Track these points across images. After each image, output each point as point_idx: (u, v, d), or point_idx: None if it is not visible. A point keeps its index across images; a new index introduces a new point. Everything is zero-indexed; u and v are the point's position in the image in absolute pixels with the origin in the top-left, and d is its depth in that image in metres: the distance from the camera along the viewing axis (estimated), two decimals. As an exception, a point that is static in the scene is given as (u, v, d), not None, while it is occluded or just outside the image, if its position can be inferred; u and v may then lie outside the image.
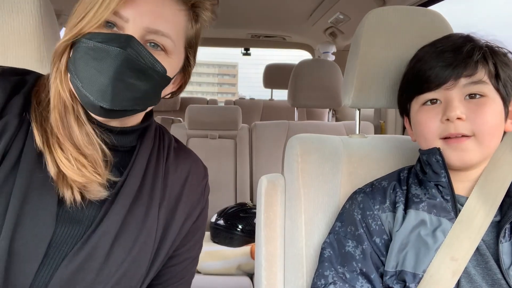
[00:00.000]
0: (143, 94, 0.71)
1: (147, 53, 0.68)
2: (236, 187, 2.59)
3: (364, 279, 0.85)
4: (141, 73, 0.68)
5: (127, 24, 0.68)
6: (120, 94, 0.67)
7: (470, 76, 0.83)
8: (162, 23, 0.71)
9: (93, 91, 0.66)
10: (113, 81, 0.66)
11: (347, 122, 2.65)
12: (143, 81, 0.69)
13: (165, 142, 0.86)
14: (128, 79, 0.67)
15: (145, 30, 0.69)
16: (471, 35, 0.88)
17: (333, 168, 1.07)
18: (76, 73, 0.67)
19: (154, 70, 0.70)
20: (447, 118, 0.83)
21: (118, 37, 0.67)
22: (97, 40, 0.66)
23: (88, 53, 0.66)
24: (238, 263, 1.94)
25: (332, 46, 3.17)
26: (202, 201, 0.88)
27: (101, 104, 0.66)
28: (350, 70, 1.13)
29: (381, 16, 1.10)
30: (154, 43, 0.71)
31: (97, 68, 0.65)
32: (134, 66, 0.67)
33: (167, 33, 0.71)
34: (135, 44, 0.67)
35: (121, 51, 0.65)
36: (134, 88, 0.69)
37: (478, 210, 0.83)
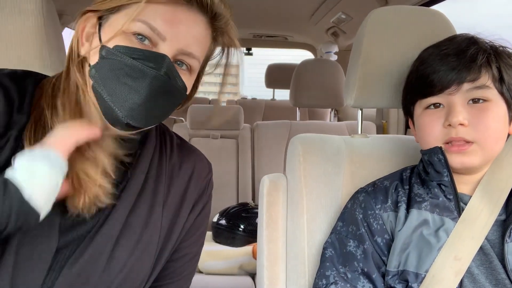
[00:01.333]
0: (165, 111, 0.72)
1: (177, 75, 0.69)
2: (238, 187, 2.59)
3: (365, 279, 0.85)
4: (170, 94, 0.69)
5: (164, 42, 0.67)
6: (149, 114, 0.68)
7: (474, 81, 0.82)
8: (195, 46, 0.71)
9: (123, 108, 0.65)
10: (146, 102, 0.65)
11: (349, 122, 2.65)
12: (169, 101, 0.70)
13: (166, 140, 0.86)
14: (159, 100, 0.67)
15: (179, 51, 0.69)
16: (476, 36, 0.87)
17: (335, 168, 1.07)
18: (104, 85, 0.66)
19: (179, 91, 0.70)
20: (449, 124, 0.83)
21: (154, 57, 0.66)
22: (133, 57, 0.65)
23: (122, 68, 0.65)
24: (240, 263, 1.94)
25: (334, 46, 3.17)
26: (206, 196, 0.88)
27: (130, 121, 0.66)
28: (352, 69, 1.13)
29: (384, 16, 1.10)
30: (181, 62, 0.71)
31: (132, 87, 0.64)
32: (166, 89, 0.67)
33: (197, 55, 0.71)
34: (169, 65, 0.67)
35: (159, 74, 0.65)
36: (161, 108, 0.69)
37: (482, 209, 0.83)
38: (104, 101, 0.66)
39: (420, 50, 0.94)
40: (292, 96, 2.65)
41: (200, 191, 0.87)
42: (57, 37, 1.01)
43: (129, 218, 0.74)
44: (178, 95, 0.71)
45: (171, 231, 0.81)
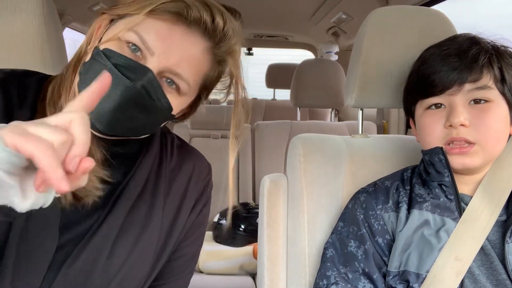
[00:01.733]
0: (141, 126, 0.70)
1: (159, 91, 0.67)
2: (238, 187, 2.58)
3: (366, 279, 0.85)
4: (146, 108, 0.67)
5: (152, 58, 0.66)
6: (117, 123, 0.66)
7: (475, 81, 0.82)
8: (185, 68, 0.69)
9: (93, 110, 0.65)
10: (114, 110, 0.64)
11: (350, 122, 2.64)
12: (145, 115, 0.68)
13: (167, 141, 0.86)
14: (130, 112, 0.66)
15: (166, 69, 0.67)
16: (478, 36, 0.87)
17: (336, 168, 1.06)
18: (84, 84, 0.66)
19: (159, 108, 0.68)
20: (450, 124, 0.82)
21: (138, 68, 0.65)
22: (116, 62, 0.64)
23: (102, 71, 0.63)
24: (240, 263, 1.94)
25: (335, 46, 3.17)
26: (205, 196, 0.88)
27: (96, 125, 0.65)
28: (352, 69, 1.13)
29: (384, 16, 1.10)
30: (171, 79, 0.69)
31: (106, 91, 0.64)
32: (140, 102, 0.65)
33: (186, 78, 0.69)
34: (152, 80, 0.65)
35: (133, 86, 0.64)
36: (133, 120, 0.67)
37: (483, 210, 0.83)
38: None
39: (420, 50, 0.94)
40: (293, 96, 2.65)
41: (200, 192, 0.87)
42: (58, 37, 1.01)
43: (128, 218, 0.74)
44: (159, 113, 0.69)
45: (171, 231, 0.81)
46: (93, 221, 0.71)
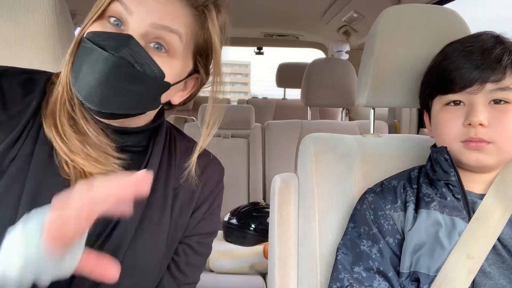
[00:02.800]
0: (136, 99, 0.69)
1: (145, 56, 0.66)
2: (249, 186, 2.59)
3: (381, 277, 0.84)
4: (134, 78, 0.66)
5: (131, 17, 0.66)
6: (109, 98, 0.66)
7: (497, 82, 0.81)
8: (170, 20, 0.68)
9: (82, 92, 0.65)
10: (100, 84, 0.64)
11: (361, 122, 2.63)
12: (136, 86, 0.67)
13: (176, 143, 0.86)
14: (118, 83, 0.65)
15: (151, 26, 0.66)
16: (502, 36, 0.85)
17: (347, 168, 1.06)
18: (73, 71, 0.67)
19: (150, 76, 0.67)
20: (469, 123, 0.82)
21: (116, 36, 0.65)
22: (94, 40, 0.65)
23: (84, 52, 0.65)
24: (251, 263, 1.94)
25: (346, 45, 3.15)
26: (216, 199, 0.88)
27: (88, 105, 0.66)
28: (364, 69, 1.13)
29: (397, 14, 1.09)
30: (159, 44, 0.68)
31: (89, 69, 0.64)
32: (125, 71, 0.65)
33: (175, 29, 0.68)
34: (133, 45, 0.65)
35: (110, 56, 0.63)
36: (125, 93, 0.66)
37: (495, 208, 0.83)
38: (73, 87, 0.67)
39: (433, 49, 0.93)
40: (303, 95, 2.64)
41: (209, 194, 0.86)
42: (70, 37, 1.02)
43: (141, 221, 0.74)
44: (151, 82, 0.68)
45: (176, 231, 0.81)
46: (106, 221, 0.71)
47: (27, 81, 0.73)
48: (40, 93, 0.73)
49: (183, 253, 0.83)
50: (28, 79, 0.74)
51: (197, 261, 0.86)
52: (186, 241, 0.84)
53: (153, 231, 0.76)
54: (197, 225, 0.84)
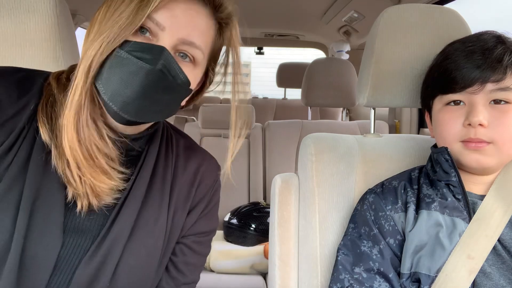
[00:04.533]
0: (166, 107, 0.71)
1: (176, 67, 0.68)
2: (249, 186, 2.58)
3: (381, 278, 0.84)
4: (168, 88, 0.68)
5: (163, 32, 0.67)
6: (145, 108, 0.67)
7: (498, 82, 0.81)
8: (196, 36, 0.71)
9: (117, 102, 0.65)
10: (139, 96, 0.65)
11: (361, 122, 2.63)
12: (168, 95, 0.69)
13: (173, 142, 0.86)
14: (155, 94, 0.67)
15: (179, 40, 0.69)
16: (504, 35, 0.85)
17: (348, 168, 1.06)
18: (103, 82, 0.66)
19: (180, 85, 0.70)
20: (469, 123, 0.81)
21: (151, 48, 0.66)
22: (130, 50, 0.65)
23: (119, 63, 0.65)
24: (251, 263, 1.94)
25: (346, 45, 3.15)
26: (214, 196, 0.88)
27: (124, 115, 0.66)
28: (365, 68, 1.12)
29: (397, 14, 1.09)
30: (184, 53, 0.70)
31: (125, 81, 0.64)
32: (162, 83, 0.66)
33: (199, 45, 0.71)
34: (167, 57, 0.66)
35: (152, 69, 0.64)
36: (158, 102, 0.68)
37: (496, 209, 0.83)
38: (103, 99, 0.66)
39: (434, 49, 0.93)
40: (304, 95, 2.64)
41: (206, 191, 0.86)
42: (71, 37, 1.02)
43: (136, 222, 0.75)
44: (180, 90, 0.71)
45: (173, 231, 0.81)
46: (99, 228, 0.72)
47: (23, 80, 0.73)
48: (37, 94, 0.72)
49: (180, 252, 0.83)
50: (25, 77, 0.73)
51: (195, 260, 0.86)
52: (184, 240, 0.84)
53: (150, 231, 0.76)
54: (195, 224, 0.84)
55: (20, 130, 0.69)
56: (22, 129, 0.69)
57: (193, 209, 0.84)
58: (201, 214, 0.85)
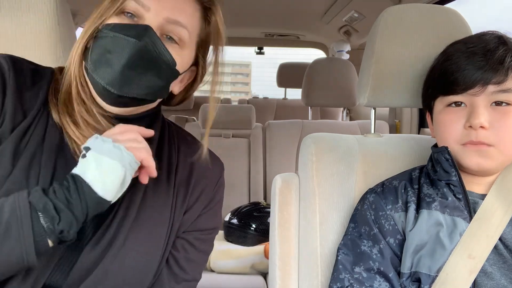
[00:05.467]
0: (153, 84, 0.73)
1: (161, 45, 0.71)
2: (249, 186, 2.59)
3: (381, 278, 0.84)
4: (153, 63, 0.71)
5: (148, 13, 0.72)
6: (130, 82, 0.70)
7: (499, 83, 0.80)
8: (182, 16, 0.75)
9: (105, 77, 0.69)
10: (124, 69, 0.68)
11: (362, 121, 2.63)
12: (154, 71, 0.72)
13: (175, 138, 0.87)
14: (140, 68, 0.70)
15: (165, 20, 0.72)
16: (506, 36, 0.85)
17: (348, 168, 1.06)
18: (92, 61, 0.70)
19: (165, 62, 0.73)
20: (470, 125, 0.81)
21: (136, 27, 0.70)
22: (116, 30, 0.69)
23: (106, 41, 0.69)
24: (251, 262, 1.94)
25: (347, 45, 3.15)
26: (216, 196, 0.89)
27: (110, 89, 0.69)
28: (365, 68, 1.12)
29: (398, 14, 1.09)
30: (170, 36, 0.74)
31: (111, 56, 0.68)
32: (147, 56, 0.70)
33: (185, 24, 0.75)
34: (152, 34, 0.70)
35: (137, 42, 0.68)
36: (144, 78, 0.71)
37: (496, 208, 0.83)
38: (92, 77, 0.71)
39: (434, 49, 0.93)
40: (304, 95, 2.64)
41: (210, 190, 0.87)
42: (71, 37, 1.02)
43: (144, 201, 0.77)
44: (165, 68, 0.73)
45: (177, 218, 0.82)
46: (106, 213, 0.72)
47: (35, 70, 0.77)
48: (47, 83, 0.76)
49: (182, 248, 0.84)
50: (35, 69, 0.78)
51: (197, 257, 0.86)
52: (186, 236, 0.84)
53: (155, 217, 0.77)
54: (197, 220, 0.85)
55: (36, 111, 0.73)
56: (38, 111, 0.73)
57: (194, 204, 0.85)
58: (203, 210, 0.86)
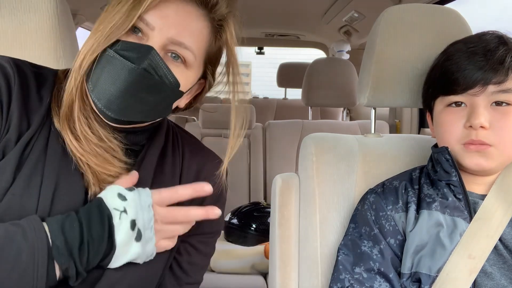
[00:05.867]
0: (153, 107, 0.72)
1: (164, 67, 0.69)
2: (250, 186, 2.59)
3: (382, 278, 0.84)
4: (153, 87, 0.69)
5: (153, 32, 0.69)
6: (129, 107, 0.68)
7: (500, 83, 0.80)
8: (187, 36, 0.71)
9: (102, 100, 0.67)
10: (122, 94, 0.67)
11: (362, 121, 2.63)
12: (154, 95, 0.70)
13: (178, 140, 0.86)
14: (139, 93, 0.68)
15: (169, 40, 0.69)
16: (506, 36, 0.85)
17: (348, 168, 1.06)
18: (92, 80, 0.68)
19: (167, 85, 0.70)
20: (470, 125, 0.81)
21: (139, 48, 0.67)
22: (118, 49, 0.67)
23: (106, 61, 0.67)
24: (252, 262, 1.94)
25: (347, 45, 3.15)
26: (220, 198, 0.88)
27: (108, 113, 0.68)
28: (365, 68, 1.12)
29: (398, 14, 1.09)
30: (176, 54, 0.71)
31: (111, 79, 0.66)
32: (147, 82, 0.68)
33: (189, 46, 0.71)
34: (154, 56, 0.67)
35: (136, 68, 0.66)
36: (144, 102, 0.69)
37: (496, 209, 0.83)
38: (91, 96, 0.69)
39: (435, 49, 0.93)
40: (304, 95, 2.64)
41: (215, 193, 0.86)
42: (71, 37, 1.02)
43: None
44: (168, 90, 0.71)
45: None
46: None
47: (38, 75, 0.75)
48: (50, 88, 0.74)
49: (185, 252, 0.83)
50: (38, 73, 0.76)
51: (199, 260, 0.86)
52: (189, 240, 0.84)
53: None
54: (200, 223, 0.84)
55: (40, 119, 0.71)
56: (42, 118, 0.71)
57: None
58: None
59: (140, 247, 0.68)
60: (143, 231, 0.68)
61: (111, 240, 0.66)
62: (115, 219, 0.66)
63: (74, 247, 0.62)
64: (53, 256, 0.61)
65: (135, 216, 0.67)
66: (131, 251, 0.67)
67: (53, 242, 0.61)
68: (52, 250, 0.61)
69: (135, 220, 0.66)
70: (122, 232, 0.66)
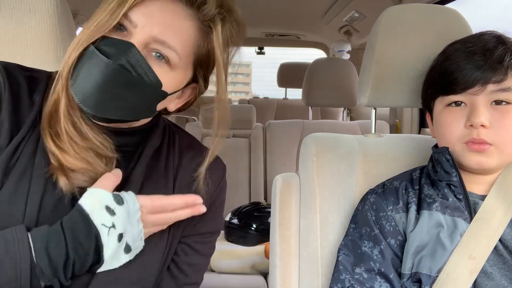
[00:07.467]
0: (132, 106, 0.70)
1: (143, 64, 0.67)
2: (250, 186, 2.58)
3: (382, 279, 0.84)
4: (131, 85, 0.67)
5: (135, 29, 0.68)
6: (105, 103, 0.67)
7: (499, 82, 0.80)
8: (170, 35, 0.69)
9: (79, 94, 0.66)
10: (98, 90, 0.65)
11: (362, 121, 2.63)
12: (132, 93, 0.68)
13: (175, 140, 0.85)
14: (115, 89, 0.66)
15: (151, 38, 0.68)
16: (504, 35, 0.85)
17: (349, 168, 1.06)
18: (74, 76, 0.68)
19: (147, 83, 0.69)
20: (470, 124, 0.81)
21: (119, 43, 0.67)
22: (99, 45, 0.66)
23: (87, 57, 0.66)
24: (252, 262, 1.94)
25: (347, 45, 3.15)
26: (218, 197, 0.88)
27: (85, 108, 0.67)
28: (366, 68, 1.12)
29: (398, 14, 1.09)
30: (160, 53, 0.69)
31: (87, 74, 0.66)
32: (124, 78, 0.66)
33: (173, 46, 0.69)
34: (133, 53, 0.66)
35: (110, 63, 0.65)
36: (121, 99, 0.68)
37: (496, 209, 0.83)
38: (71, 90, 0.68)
39: (435, 48, 0.93)
40: (305, 95, 2.64)
41: (212, 191, 0.86)
42: (72, 37, 1.02)
43: None
44: (147, 89, 0.69)
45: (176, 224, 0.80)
46: None
47: (30, 79, 0.74)
48: (43, 92, 0.74)
49: (183, 252, 0.83)
50: (31, 76, 0.75)
51: (198, 260, 0.86)
52: (187, 240, 0.83)
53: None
54: (198, 223, 0.84)
55: (30, 123, 0.71)
56: (32, 123, 0.71)
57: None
58: (204, 213, 0.85)
59: (129, 257, 0.70)
60: (132, 244, 0.69)
61: (98, 255, 0.66)
62: (103, 236, 0.65)
63: (58, 265, 0.63)
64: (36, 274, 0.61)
65: (123, 230, 0.67)
66: (121, 261, 0.69)
67: (37, 263, 0.61)
68: (35, 269, 0.61)
69: (123, 234, 0.67)
70: (111, 249, 0.66)
